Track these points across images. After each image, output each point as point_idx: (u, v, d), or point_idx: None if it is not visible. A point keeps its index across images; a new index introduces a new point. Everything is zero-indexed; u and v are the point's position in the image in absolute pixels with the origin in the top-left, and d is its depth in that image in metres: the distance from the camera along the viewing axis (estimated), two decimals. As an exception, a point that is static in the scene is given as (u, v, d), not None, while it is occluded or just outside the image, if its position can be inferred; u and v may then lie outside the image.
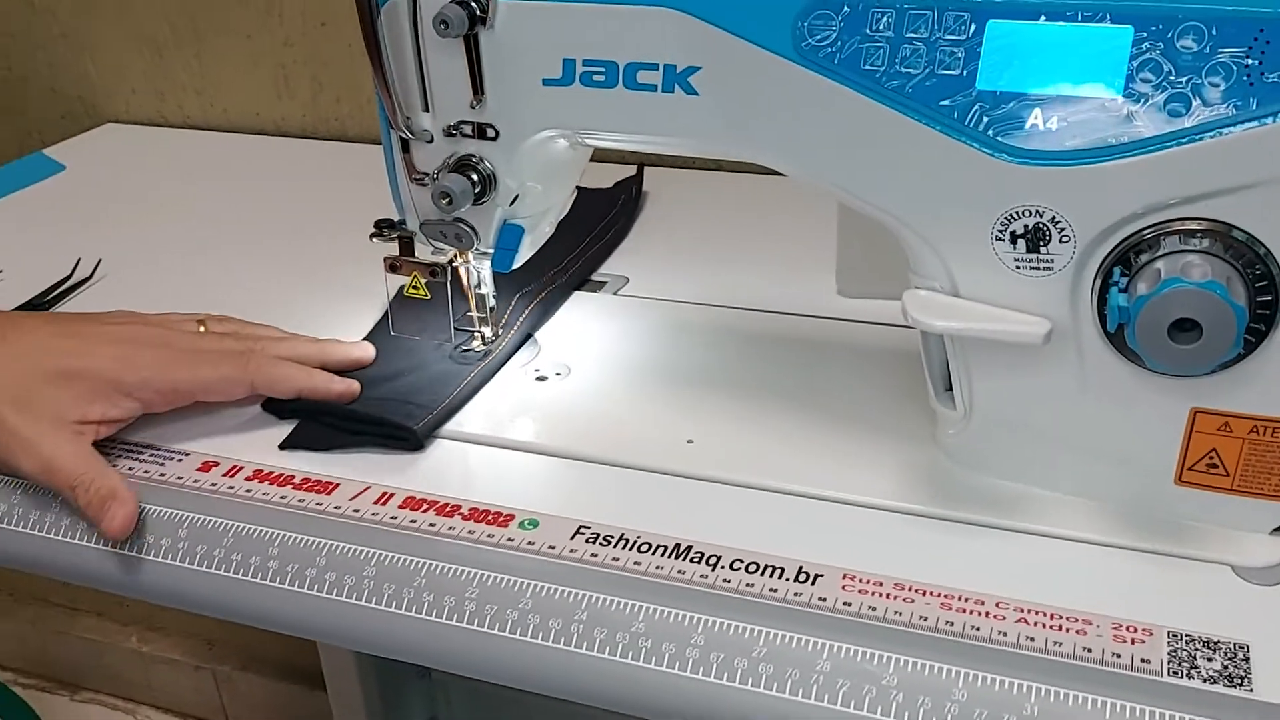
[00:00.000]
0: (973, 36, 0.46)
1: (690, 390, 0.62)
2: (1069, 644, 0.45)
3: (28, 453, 0.54)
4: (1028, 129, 0.45)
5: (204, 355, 0.59)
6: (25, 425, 0.54)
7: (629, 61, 0.52)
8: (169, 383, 0.58)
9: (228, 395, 0.60)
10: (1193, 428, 0.48)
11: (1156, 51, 0.44)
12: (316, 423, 0.60)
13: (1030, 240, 0.47)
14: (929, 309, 0.49)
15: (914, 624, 0.46)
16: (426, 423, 0.59)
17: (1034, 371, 0.50)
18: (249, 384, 0.60)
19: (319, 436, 0.59)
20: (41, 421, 0.55)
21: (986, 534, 0.51)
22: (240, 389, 0.60)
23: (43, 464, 0.54)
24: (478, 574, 0.50)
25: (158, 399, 0.58)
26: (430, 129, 0.58)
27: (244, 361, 0.59)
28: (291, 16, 1.00)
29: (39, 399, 0.55)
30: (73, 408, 0.55)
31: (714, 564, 0.50)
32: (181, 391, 0.59)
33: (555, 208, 0.63)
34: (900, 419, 0.58)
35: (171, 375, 0.58)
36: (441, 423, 0.60)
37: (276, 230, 0.85)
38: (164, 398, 0.59)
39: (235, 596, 0.52)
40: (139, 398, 0.58)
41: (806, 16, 0.48)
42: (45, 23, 1.10)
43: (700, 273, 0.75)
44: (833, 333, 0.67)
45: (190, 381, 0.59)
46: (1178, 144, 0.43)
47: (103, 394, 0.56)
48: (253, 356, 0.60)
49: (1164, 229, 0.45)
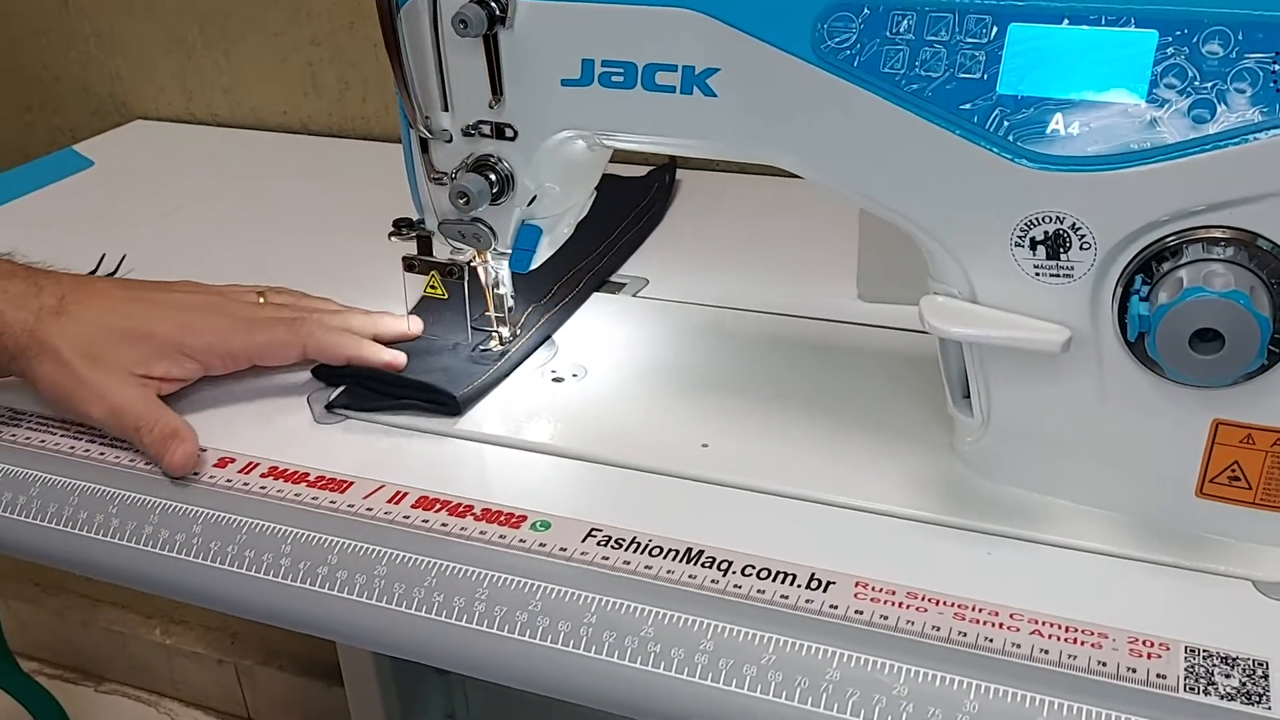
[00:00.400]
0: (994, 40, 0.46)
1: (706, 394, 0.62)
2: (1084, 657, 0.44)
3: (97, 399, 0.58)
4: (1049, 134, 0.45)
5: (260, 323, 0.63)
6: (95, 375, 0.59)
7: (648, 62, 0.52)
8: (227, 347, 0.62)
9: (282, 359, 0.63)
10: (1214, 439, 0.47)
11: (1181, 56, 0.43)
12: (362, 388, 0.62)
13: (1050, 247, 0.46)
14: (946, 315, 0.49)
15: (926, 634, 0.46)
16: (467, 391, 0.61)
17: (1053, 380, 0.49)
18: (301, 348, 0.63)
19: (364, 400, 0.61)
20: (110, 372, 0.59)
21: (1002, 544, 0.51)
22: (294, 353, 0.63)
23: (110, 409, 0.58)
24: (488, 575, 0.50)
25: (217, 362, 0.62)
26: (449, 128, 0.58)
27: (297, 328, 0.63)
28: (319, 16, 1.00)
29: (108, 353, 0.59)
30: (139, 363, 0.60)
31: (725, 569, 0.50)
32: (238, 355, 0.63)
33: (574, 209, 0.63)
34: (918, 426, 0.58)
35: (230, 340, 0.62)
36: (480, 395, 0.62)
37: (301, 228, 0.86)
38: (222, 361, 0.62)
39: (246, 593, 0.53)
40: (200, 360, 0.62)
41: (826, 18, 0.48)
42: (77, 22, 1.11)
43: (720, 275, 0.75)
44: (852, 338, 0.67)
45: (247, 346, 0.62)
46: (1202, 151, 0.43)
47: (167, 354, 0.60)
48: (306, 323, 0.63)
49: (1187, 237, 0.44)
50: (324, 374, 0.64)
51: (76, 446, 0.60)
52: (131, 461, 0.59)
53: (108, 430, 0.60)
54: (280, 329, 0.63)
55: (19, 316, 0.59)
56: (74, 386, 0.59)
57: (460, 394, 0.60)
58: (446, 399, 0.60)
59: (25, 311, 0.59)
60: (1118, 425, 0.49)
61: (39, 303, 0.60)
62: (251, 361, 0.63)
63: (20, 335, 0.59)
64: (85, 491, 0.57)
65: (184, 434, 0.58)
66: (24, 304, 0.59)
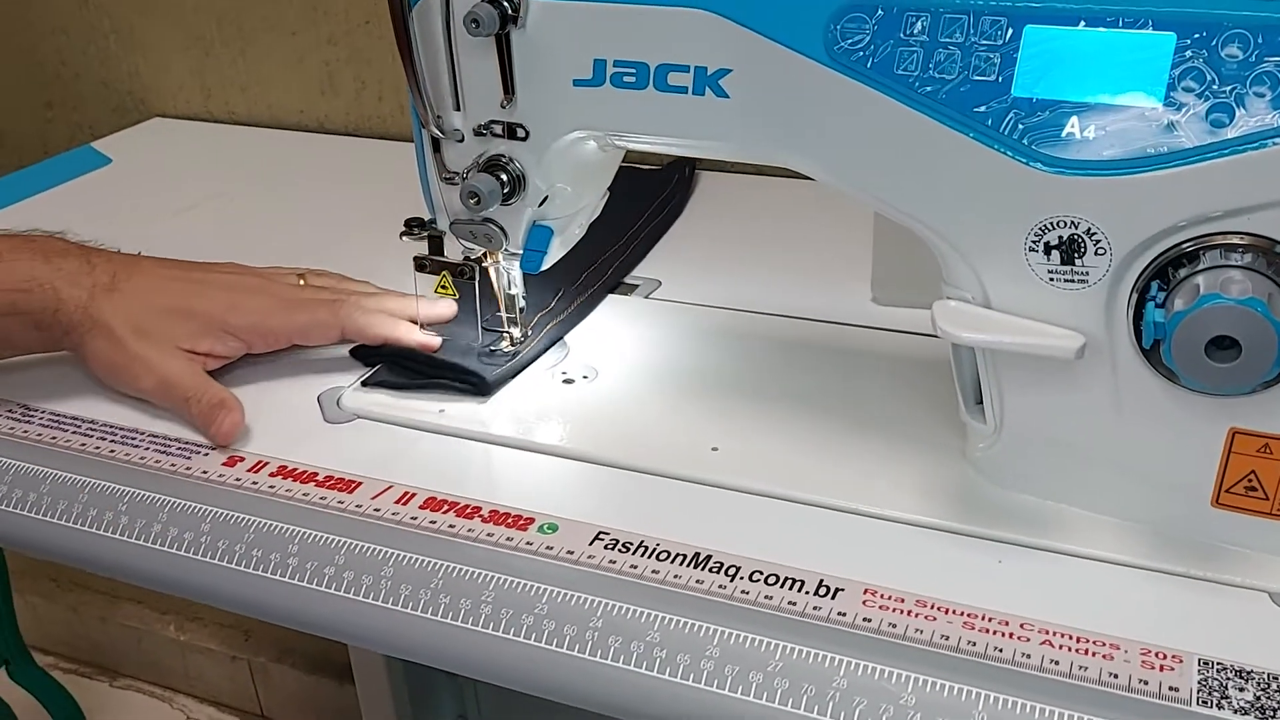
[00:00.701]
0: (1009, 42, 0.45)
1: (717, 397, 0.62)
2: (1094, 669, 0.44)
3: (148, 372, 0.61)
4: (1064, 137, 0.44)
5: (302, 304, 0.65)
6: (145, 349, 0.61)
7: (660, 63, 0.52)
8: (269, 326, 0.64)
9: (322, 339, 0.65)
10: (1231, 448, 0.47)
11: (1200, 59, 0.42)
12: (398, 367, 0.64)
13: (1065, 252, 0.46)
14: (959, 320, 0.48)
15: (935, 643, 0.45)
16: (498, 374, 0.62)
17: (1067, 387, 0.48)
18: (340, 329, 0.64)
19: (398, 378, 0.63)
20: (159, 347, 0.61)
21: (1013, 552, 0.50)
22: (333, 333, 0.65)
23: (160, 380, 0.61)
24: (494, 577, 0.50)
25: (259, 341, 0.64)
26: (461, 128, 0.58)
27: (337, 309, 0.65)
28: (335, 15, 1.01)
29: (158, 329, 0.62)
30: (185, 339, 0.62)
31: (733, 575, 0.49)
32: (279, 335, 0.65)
33: (586, 209, 0.63)
34: (930, 431, 0.57)
35: (271, 320, 0.64)
36: (508, 379, 0.63)
37: (316, 227, 0.86)
38: (264, 340, 0.64)
39: (253, 592, 0.52)
40: (243, 338, 0.64)
41: (839, 19, 0.47)
42: (97, 19, 1.11)
43: (734, 278, 0.75)
44: (866, 341, 0.66)
45: (288, 326, 0.64)
46: (1220, 155, 0.42)
47: (212, 332, 0.63)
48: (345, 305, 0.65)
49: (1204, 243, 0.44)
50: (361, 353, 0.66)
51: (87, 443, 0.60)
52: (142, 459, 0.59)
53: (157, 402, 0.62)
54: (321, 310, 0.65)
55: (73, 294, 0.61)
56: (126, 360, 0.61)
57: (491, 377, 0.62)
58: (477, 379, 0.62)
59: (79, 289, 0.61)
60: (1132, 433, 0.48)
61: (92, 280, 0.62)
62: (292, 341, 0.65)
63: (75, 312, 0.61)
64: (95, 489, 0.57)
65: (230, 404, 0.60)
66: (78, 281, 0.62)
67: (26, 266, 0.61)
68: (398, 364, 0.64)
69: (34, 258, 0.62)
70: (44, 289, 0.61)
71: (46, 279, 0.61)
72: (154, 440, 0.60)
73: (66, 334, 0.62)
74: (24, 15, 1.14)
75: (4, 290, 0.60)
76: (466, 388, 0.62)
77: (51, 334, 0.62)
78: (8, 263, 0.61)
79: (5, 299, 0.60)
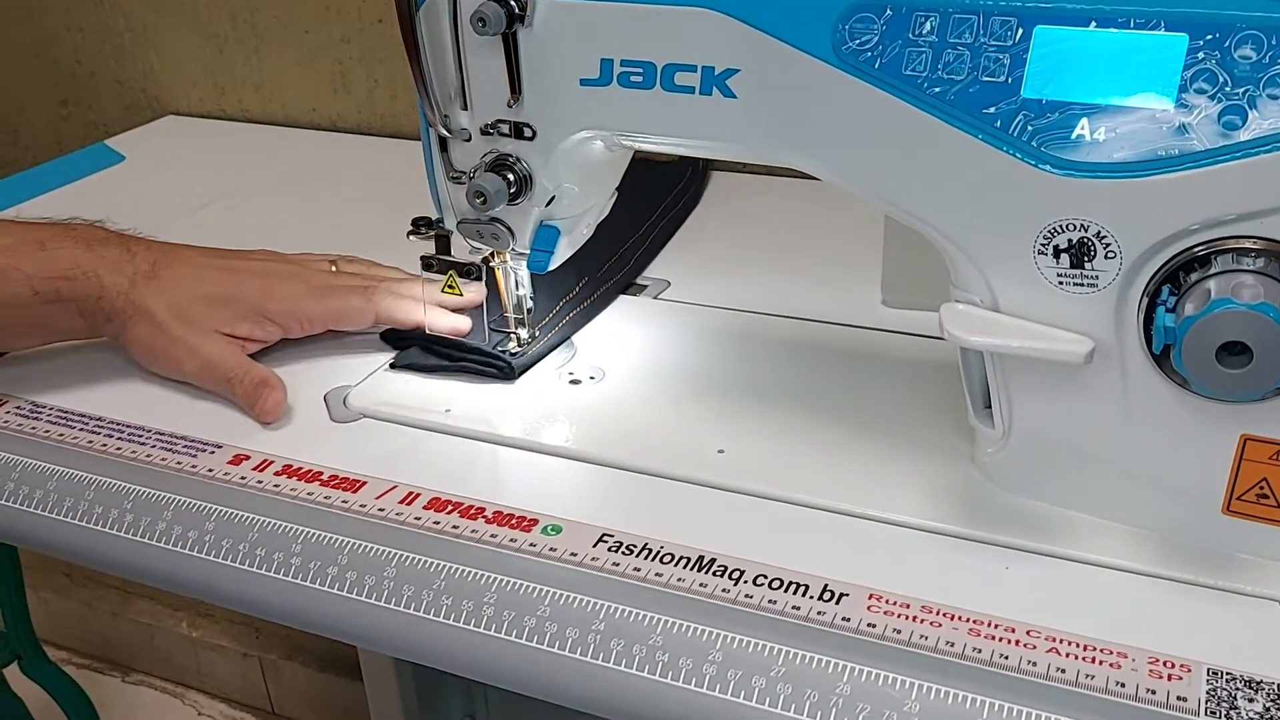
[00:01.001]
0: (1019, 42, 0.45)
1: (725, 399, 0.61)
2: (1101, 677, 0.43)
3: (190, 355, 0.63)
4: (1074, 139, 0.44)
5: (336, 290, 0.67)
6: (187, 333, 0.63)
7: (667, 62, 0.52)
8: (305, 312, 0.65)
9: (356, 324, 0.67)
10: (1242, 455, 0.46)
11: (1212, 61, 0.42)
12: (425, 350, 0.65)
13: (1074, 255, 0.45)
14: (966, 324, 0.48)
15: (940, 649, 0.45)
16: (523, 359, 0.64)
17: (1076, 392, 0.48)
18: (374, 314, 0.66)
19: (426, 361, 0.64)
20: (200, 331, 0.63)
21: (1021, 558, 0.49)
22: (367, 318, 0.66)
23: (202, 363, 0.63)
24: (497, 579, 0.50)
25: (295, 326, 0.66)
26: (468, 127, 0.58)
27: (370, 294, 0.66)
28: (348, 13, 1.01)
29: (198, 314, 0.63)
30: (224, 323, 0.64)
31: (737, 578, 0.49)
32: (315, 320, 0.66)
33: (594, 210, 0.62)
34: (938, 435, 0.57)
35: (307, 306, 0.65)
36: (532, 364, 0.64)
37: (328, 225, 0.86)
38: (300, 325, 0.66)
39: (256, 591, 0.52)
40: (280, 323, 0.65)
41: (847, 19, 0.47)
42: (112, 17, 1.12)
43: (744, 279, 0.74)
44: (875, 344, 0.66)
45: (323, 311, 0.66)
46: (1232, 158, 0.41)
47: (250, 317, 0.64)
48: (378, 290, 0.66)
49: (1216, 247, 0.43)
50: (392, 337, 0.67)
51: (94, 441, 0.60)
52: (148, 457, 0.59)
53: (199, 383, 0.63)
54: (354, 296, 0.66)
55: (115, 281, 0.63)
56: (168, 345, 0.63)
57: (517, 362, 0.63)
58: (504, 364, 0.63)
59: (120, 276, 0.63)
60: (1142, 439, 0.47)
61: (132, 267, 0.63)
62: (327, 326, 0.66)
63: (117, 298, 0.62)
64: (101, 486, 0.57)
65: (273, 382, 0.62)
66: (119, 268, 0.63)
67: (70, 254, 0.62)
68: (426, 348, 0.65)
69: (76, 245, 0.63)
70: (87, 276, 0.62)
71: (90, 266, 0.62)
72: (160, 438, 0.60)
73: (109, 320, 0.63)
74: (39, 13, 1.15)
75: (48, 278, 0.61)
76: (493, 371, 0.63)
77: (94, 321, 0.63)
78: (50, 251, 0.62)
79: (49, 286, 0.61)
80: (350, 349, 0.67)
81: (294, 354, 0.67)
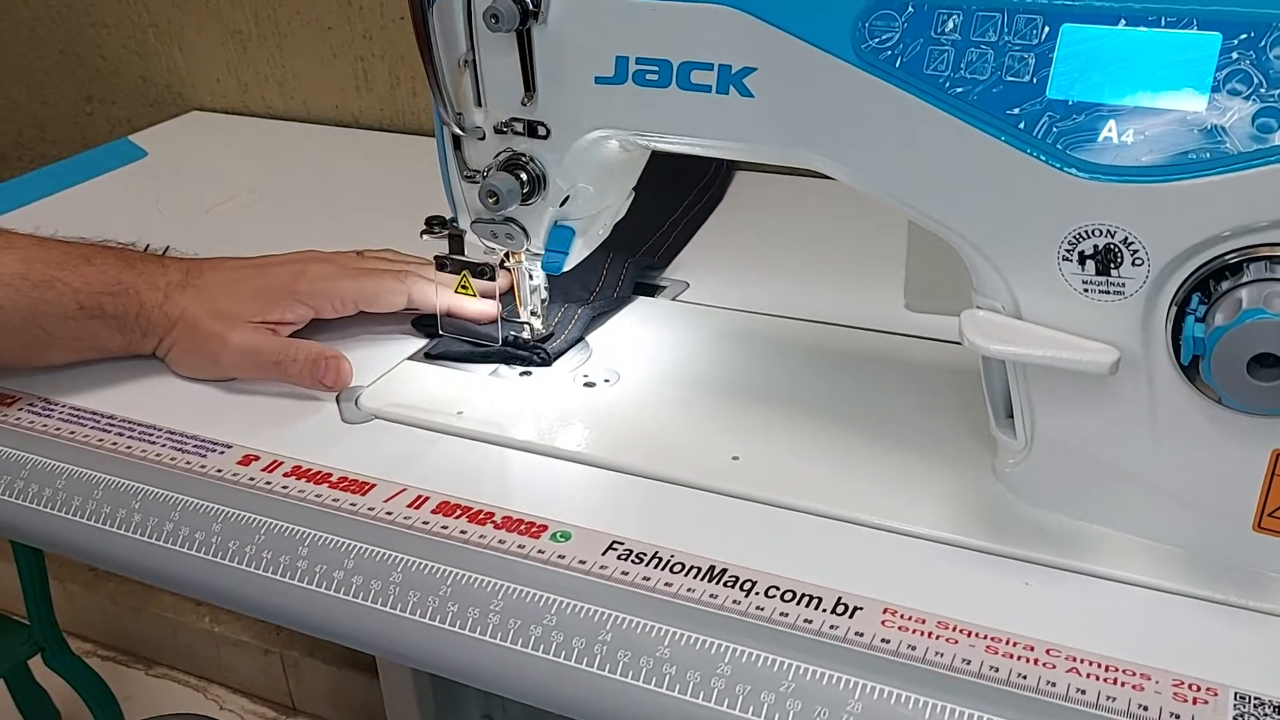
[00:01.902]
0: (1045, 41, 0.43)
1: (741, 404, 0.60)
2: (1123, 700, 0.42)
3: (228, 347, 0.63)
4: (1100, 142, 0.42)
5: (369, 271, 0.67)
6: (224, 328, 0.63)
7: (683, 60, 0.50)
8: (338, 290, 0.65)
9: (389, 306, 0.66)
10: (1274, 471, 0.44)
11: (1246, 61, 0.40)
12: (456, 340, 0.65)
13: (1100, 262, 0.43)
14: (988, 332, 0.46)
15: (955, 667, 0.43)
16: (558, 345, 0.64)
17: (1101, 403, 0.46)
18: (407, 294, 0.66)
19: (458, 351, 0.65)
20: (235, 324, 0.63)
21: (1042, 573, 0.48)
22: (400, 299, 0.66)
23: (243, 352, 0.62)
24: (503, 586, 0.49)
25: (327, 305, 0.65)
26: (482, 125, 0.57)
27: (402, 276, 0.66)
28: (370, 9, 1.00)
29: (231, 309, 0.63)
30: (257, 312, 0.63)
31: (748, 589, 0.48)
32: (347, 300, 0.66)
33: (610, 210, 0.61)
34: (960, 445, 0.55)
35: (340, 284, 0.65)
36: (564, 351, 0.64)
37: (350, 221, 0.85)
38: (332, 304, 0.65)
39: (262, 593, 0.52)
40: (311, 304, 0.65)
41: (868, 17, 0.46)
42: (137, 13, 1.12)
43: (765, 281, 0.73)
44: (897, 349, 0.64)
45: (357, 291, 0.66)
46: (1266, 163, 0.40)
47: (281, 300, 0.64)
48: (409, 274, 0.67)
49: (1249, 254, 0.41)
50: (422, 324, 0.67)
51: (105, 439, 0.60)
52: (158, 456, 0.58)
53: (245, 375, 0.63)
54: (387, 278, 0.66)
55: (152, 296, 0.63)
56: (204, 341, 0.63)
57: (553, 348, 0.63)
58: (541, 352, 0.63)
59: (156, 291, 0.63)
60: (1169, 452, 0.46)
61: (166, 279, 0.64)
62: (359, 306, 0.66)
63: (153, 313, 0.63)
64: (110, 485, 0.57)
65: (328, 352, 0.62)
66: (155, 283, 0.63)
67: (115, 269, 0.63)
68: (456, 337, 0.65)
69: (119, 261, 0.64)
70: (129, 292, 0.63)
71: (131, 282, 0.63)
72: (171, 437, 0.60)
73: (145, 335, 0.63)
74: (64, 8, 1.15)
75: (95, 293, 0.62)
76: (528, 355, 0.63)
77: (132, 337, 0.63)
78: (98, 266, 0.63)
79: (94, 301, 0.62)
80: (364, 348, 0.66)
81: (306, 353, 0.66)
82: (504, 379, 0.63)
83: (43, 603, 1.17)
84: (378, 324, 0.68)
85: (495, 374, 0.64)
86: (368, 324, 0.68)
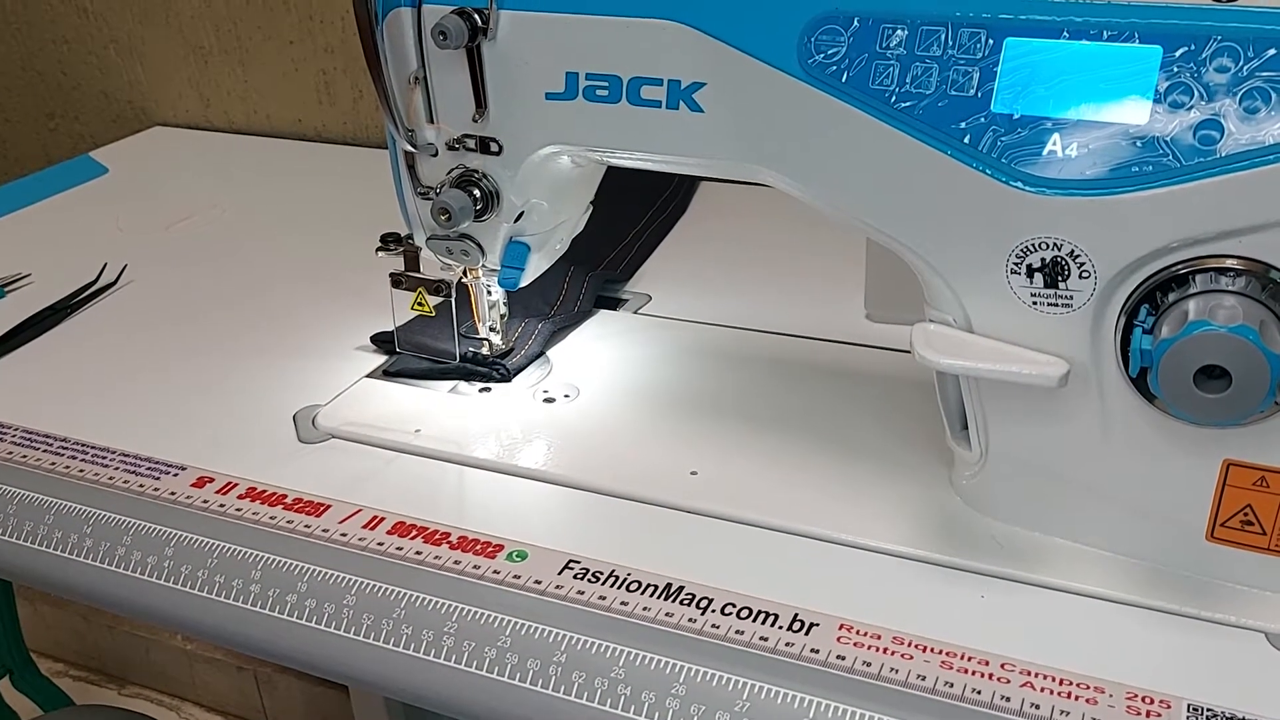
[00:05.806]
0: (989, 55, 0.43)
1: (700, 418, 0.60)
2: (1077, 714, 0.41)
3: None
4: (1045, 155, 0.42)
5: None
6: None
7: (633, 76, 0.50)
8: None
9: None
10: (1226, 481, 0.44)
11: (1187, 74, 0.40)
12: (415, 357, 0.65)
13: (1048, 275, 0.43)
14: (939, 345, 0.46)
15: (910, 683, 0.43)
16: (517, 360, 0.64)
17: (1053, 415, 0.46)
18: None
19: (417, 368, 0.64)
20: None
21: (998, 585, 0.48)
22: None
23: None
24: (458, 608, 0.48)
25: None
26: (434, 142, 0.57)
27: None
28: (332, 24, 1.00)
29: None
30: None
31: (704, 607, 0.47)
32: None
33: (566, 225, 0.61)
34: (918, 457, 0.55)
35: None
36: (524, 367, 0.64)
37: (313, 235, 0.84)
38: None
39: (213, 618, 0.51)
40: None
41: (814, 31, 0.46)
42: (98, 28, 1.11)
43: (727, 292, 0.73)
44: (859, 360, 0.64)
45: None
46: (1209, 175, 0.40)
47: None
48: None
49: (1195, 266, 0.41)
50: (381, 340, 0.67)
51: (58, 462, 0.59)
52: (110, 479, 0.58)
53: None
54: None
55: None
56: None
57: (512, 363, 0.63)
58: (496, 365, 0.63)
59: None
60: (1122, 463, 0.46)
61: None
62: None
63: None
64: (62, 510, 0.56)
65: None
66: None
67: None
68: (416, 356, 0.65)
69: None
70: None
71: None
72: (124, 460, 0.59)
73: None
74: (25, 26, 1.14)
75: None
76: (487, 371, 0.63)
77: None
78: None
79: None
80: (322, 365, 0.66)
81: (263, 372, 0.65)
82: (463, 395, 0.63)
83: (9, 625, 1.16)
84: (336, 340, 0.68)
85: (455, 390, 0.63)
86: (326, 340, 0.67)
